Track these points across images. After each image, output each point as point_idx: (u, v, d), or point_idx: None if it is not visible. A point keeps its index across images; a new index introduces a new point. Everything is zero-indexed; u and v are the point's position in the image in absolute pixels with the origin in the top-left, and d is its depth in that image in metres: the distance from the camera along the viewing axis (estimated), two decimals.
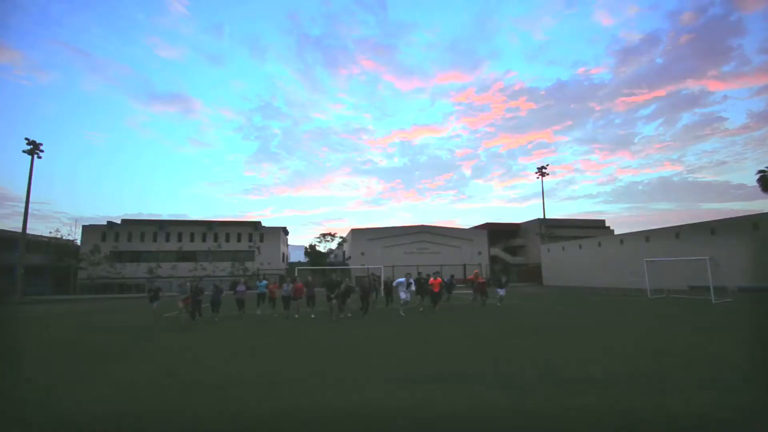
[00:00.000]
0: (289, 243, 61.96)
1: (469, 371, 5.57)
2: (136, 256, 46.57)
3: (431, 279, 14.90)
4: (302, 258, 53.37)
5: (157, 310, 12.73)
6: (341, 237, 53.24)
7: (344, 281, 13.54)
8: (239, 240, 49.58)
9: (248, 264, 46.19)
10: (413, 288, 14.34)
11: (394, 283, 14.54)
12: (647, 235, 28.67)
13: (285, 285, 13.42)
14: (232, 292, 14.74)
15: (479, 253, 51.53)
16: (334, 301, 12.70)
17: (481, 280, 16.40)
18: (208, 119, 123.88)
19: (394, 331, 9.84)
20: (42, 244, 43.39)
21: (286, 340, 8.98)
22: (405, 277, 14.31)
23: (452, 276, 17.50)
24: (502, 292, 16.24)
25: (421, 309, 14.38)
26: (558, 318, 11.94)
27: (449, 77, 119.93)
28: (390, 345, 7.95)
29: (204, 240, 48.75)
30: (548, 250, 39.40)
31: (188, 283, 12.92)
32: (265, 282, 15.23)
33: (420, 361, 6.40)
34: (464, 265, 40.83)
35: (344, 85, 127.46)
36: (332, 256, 53.48)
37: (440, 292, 14.70)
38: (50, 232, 55.64)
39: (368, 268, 31.38)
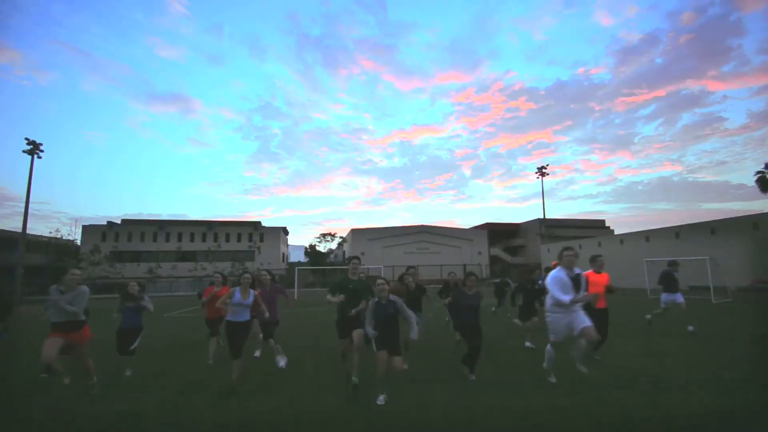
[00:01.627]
0: (289, 243, 62.05)
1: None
2: (136, 256, 46.68)
3: (590, 273, 6.37)
4: (302, 258, 53.44)
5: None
6: (341, 237, 53.35)
7: (380, 285, 4.75)
8: (239, 240, 49.67)
9: (248, 264, 46.23)
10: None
11: (550, 290, 4.85)
12: (647, 235, 28.70)
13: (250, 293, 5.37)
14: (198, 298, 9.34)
15: (479, 253, 51.61)
16: (358, 331, 5.07)
17: None
18: (208, 119, 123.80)
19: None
20: (42, 244, 43.45)
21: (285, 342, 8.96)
22: (562, 269, 5.03)
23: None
24: (680, 298, 8.81)
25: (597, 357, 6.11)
26: None
27: (449, 77, 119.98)
28: None
29: (204, 240, 48.83)
30: (548, 250, 39.39)
31: (85, 288, 4.93)
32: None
33: (419, 361, 6.39)
34: (464, 266, 40.85)
35: (344, 85, 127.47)
36: (332, 256, 53.53)
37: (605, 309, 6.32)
38: (50, 232, 55.80)
39: (368, 268, 31.34)
